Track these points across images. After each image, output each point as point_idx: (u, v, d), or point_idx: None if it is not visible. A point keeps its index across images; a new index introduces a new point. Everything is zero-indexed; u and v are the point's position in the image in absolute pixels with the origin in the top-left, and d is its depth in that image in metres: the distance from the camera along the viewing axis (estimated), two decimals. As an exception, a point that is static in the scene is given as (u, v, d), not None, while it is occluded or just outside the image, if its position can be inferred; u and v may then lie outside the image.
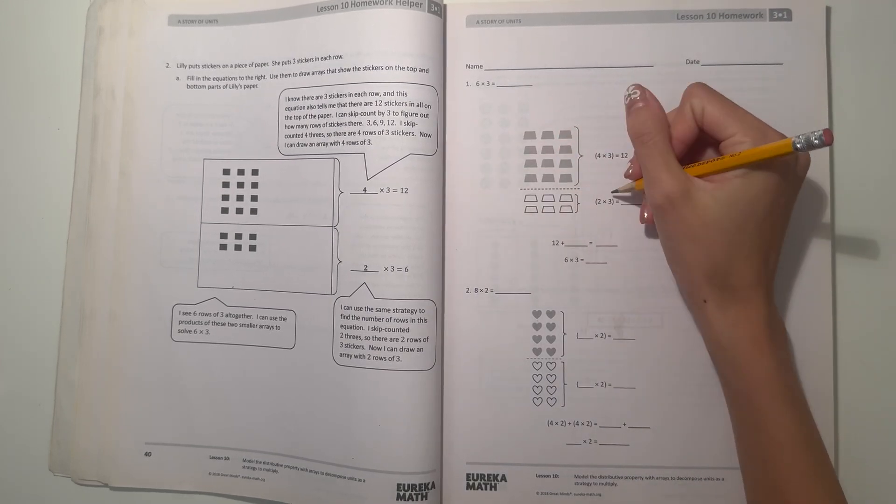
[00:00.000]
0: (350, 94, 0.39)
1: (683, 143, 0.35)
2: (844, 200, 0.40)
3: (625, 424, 0.39)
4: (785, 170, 0.33)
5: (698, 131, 0.35)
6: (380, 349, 0.38)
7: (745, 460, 0.35)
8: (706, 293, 0.34)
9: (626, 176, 0.39)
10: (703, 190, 0.33)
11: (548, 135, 0.40)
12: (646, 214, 0.38)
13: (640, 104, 0.36)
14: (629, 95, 0.37)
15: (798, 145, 0.31)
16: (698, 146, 0.36)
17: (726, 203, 0.33)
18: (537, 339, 0.40)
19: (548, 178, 0.40)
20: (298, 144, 0.41)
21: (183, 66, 0.43)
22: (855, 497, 0.33)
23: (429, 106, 0.39)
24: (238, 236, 0.41)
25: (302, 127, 0.41)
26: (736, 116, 0.34)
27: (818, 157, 0.39)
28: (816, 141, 0.31)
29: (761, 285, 0.34)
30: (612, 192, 0.40)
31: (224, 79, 0.42)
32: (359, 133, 0.39)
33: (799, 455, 0.32)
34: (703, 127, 0.35)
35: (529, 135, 0.40)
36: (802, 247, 0.39)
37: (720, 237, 0.33)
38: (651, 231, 0.39)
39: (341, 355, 0.39)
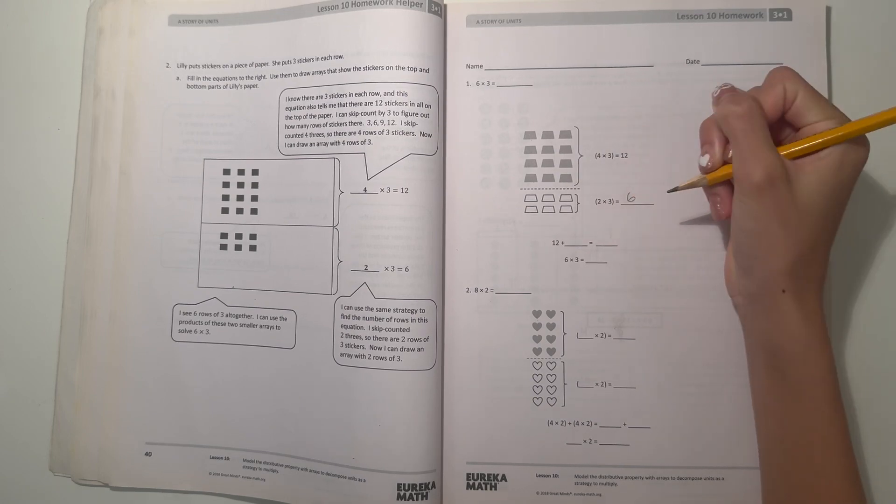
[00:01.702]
0: (350, 94, 0.39)
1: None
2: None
3: (625, 424, 0.39)
4: (855, 169, 0.33)
5: (780, 115, 0.35)
6: (380, 349, 0.38)
7: (776, 456, 0.35)
8: (786, 282, 0.33)
9: (704, 168, 0.36)
10: (800, 171, 0.33)
11: (548, 135, 0.40)
12: (720, 207, 0.36)
13: (735, 91, 0.35)
14: (720, 87, 0.36)
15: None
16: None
17: (820, 186, 0.33)
18: (537, 338, 0.40)
19: (548, 178, 0.40)
20: (299, 144, 0.41)
21: (183, 66, 0.43)
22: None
23: (429, 106, 0.39)
24: (238, 236, 0.41)
25: (302, 127, 0.41)
26: (823, 103, 0.34)
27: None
28: None
29: (826, 272, 0.34)
30: (670, 190, 0.38)
31: (224, 79, 0.42)
32: (359, 133, 0.39)
33: (842, 456, 0.33)
34: (788, 111, 0.34)
35: (529, 135, 0.41)
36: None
37: (812, 222, 0.33)
38: (651, 231, 0.39)
39: (342, 355, 0.39)
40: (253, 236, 0.41)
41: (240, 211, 0.41)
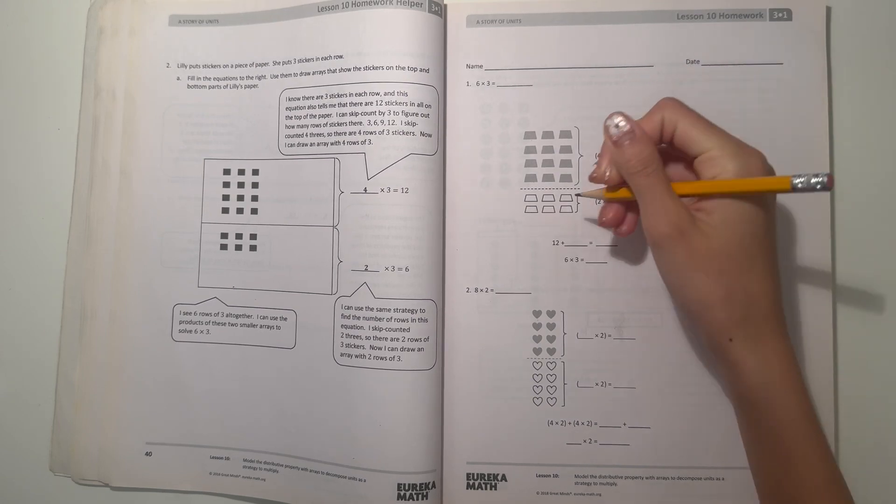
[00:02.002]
0: (350, 94, 0.39)
1: None
2: (844, 201, 0.40)
3: (625, 424, 0.39)
4: (761, 208, 0.32)
5: (659, 144, 0.34)
6: (380, 349, 0.38)
7: (768, 501, 0.34)
8: (731, 330, 0.32)
9: (594, 179, 0.36)
10: (707, 216, 0.32)
11: (548, 135, 0.40)
12: (610, 215, 0.36)
13: (631, 136, 0.34)
14: (616, 125, 0.34)
15: (798, 183, 0.30)
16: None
17: (730, 229, 0.32)
18: (537, 338, 0.40)
19: (548, 178, 0.40)
20: (299, 144, 0.41)
21: (184, 66, 0.43)
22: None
23: (429, 106, 0.39)
24: (238, 236, 0.41)
25: (302, 127, 0.41)
26: (710, 132, 0.33)
27: (818, 157, 0.39)
28: (818, 181, 0.30)
29: (779, 311, 0.33)
30: (577, 194, 0.39)
31: (225, 79, 0.42)
32: (359, 133, 0.39)
33: (828, 493, 0.31)
34: (674, 142, 0.34)
35: (529, 135, 0.41)
36: (801, 248, 0.39)
37: (730, 263, 0.32)
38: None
39: (342, 355, 0.39)
40: (253, 236, 0.41)
41: (240, 211, 0.42)
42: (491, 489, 0.39)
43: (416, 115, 0.39)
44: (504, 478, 0.39)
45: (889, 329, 0.39)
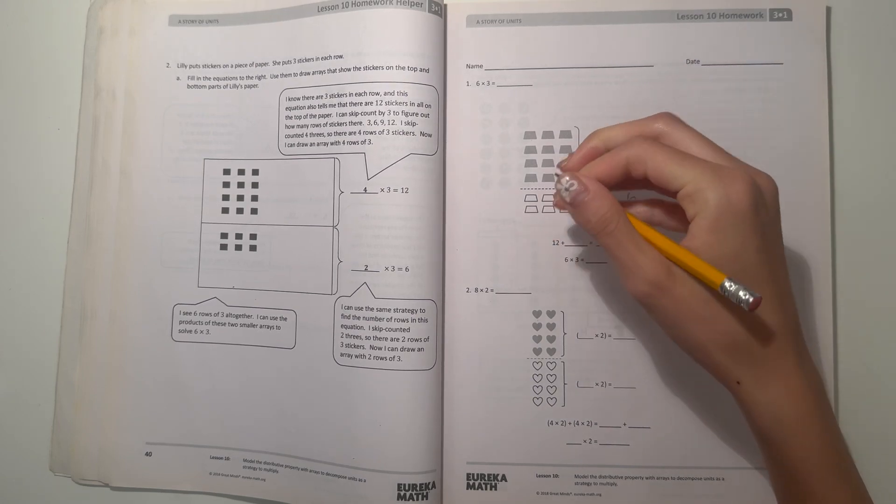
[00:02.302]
0: (350, 94, 0.39)
1: (616, 175, 0.32)
2: (844, 201, 0.40)
3: (625, 424, 0.39)
4: (754, 209, 0.30)
5: (621, 179, 0.32)
6: (380, 349, 0.38)
7: None
8: (737, 373, 0.31)
9: (563, 167, 0.35)
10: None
11: (548, 135, 0.40)
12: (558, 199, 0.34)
13: (586, 194, 0.32)
14: (567, 189, 0.32)
15: (728, 286, 0.28)
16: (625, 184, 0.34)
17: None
18: (537, 338, 0.40)
19: (548, 177, 0.40)
20: (299, 144, 0.41)
21: (183, 66, 0.43)
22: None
23: (429, 106, 0.39)
24: (238, 236, 0.41)
25: (302, 127, 0.41)
26: (684, 164, 0.30)
27: (818, 157, 0.39)
28: (744, 298, 0.28)
29: (789, 341, 0.30)
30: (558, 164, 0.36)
31: (224, 79, 0.42)
32: (359, 133, 0.39)
33: None
34: (650, 181, 0.32)
35: (529, 135, 0.41)
36: (802, 246, 0.39)
37: (722, 306, 0.30)
38: None
39: (342, 355, 0.39)
40: (253, 236, 0.41)
41: (240, 211, 0.41)
42: (491, 489, 0.39)
43: (416, 115, 0.39)
44: (504, 478, 0.39)
45: (889, 329, 0.39)
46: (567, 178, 0.32)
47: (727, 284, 0.29)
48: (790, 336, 0.31)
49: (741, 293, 0.28)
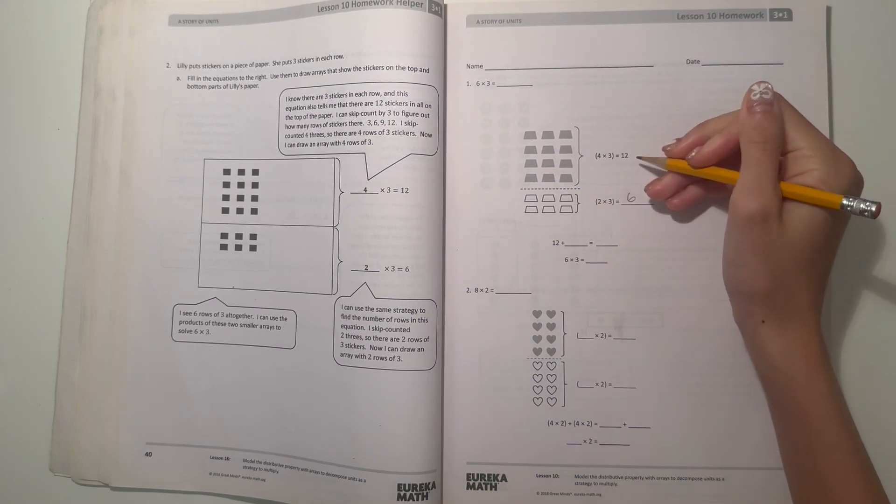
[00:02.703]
0: (351, 94, 0.39)
1: (730, 150, 0.35)
2: (844, 200, 0.40)
3: (625, 424, 0.39)
4: (846, 192, 0.33)
5: (729, 154, 0.35)
6: (380, 349, 0.38)
7: (796, 481, 0.35)
8: (764, 313, 0.34)
9: (668, 152, 0.38)
10: (793, 212, 0.33)
11: (548, 135, 0.40)
12: (657, 188, 0.38)
13: (768, 107, 0.34)
14: (760, 93, 0.34)
15: (847, 204, 0.32)
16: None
17: (810, 230, 0.33)
18: (537, 339, 0.40)
19: (548, 178, 0.40)
20: (299, 144, 0.41)
21: (183, 66, 0.43)
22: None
23: (429, 106, 0.39)
24: (238, 236, 0.41)
25: (302, 127, 0.41)
26: (807, 131, 0.34)
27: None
28: (866, 208, 0.31)
29: (816, 308, 0.34)
30: (638, 157, 0.39)
31: (225, 79, 0.42)
32: (359, 133, 0.39)
33: (853, 478, 0.32)
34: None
35: (529, 135, 0.41)
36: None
37: (797, 259, 0.33)
38: (651, 231, 0.39)
39: (342, 355, 0.39)
40: (253, 236, 0.41)
41: (240, 211, 0.41)
42: (491, 489, 0.39)
43: (416, 115, 0.39)
44: (504, 478, 0.39)
45: (889, 329, 0.39)
46: (767, 85, 0.34)
47: (845, 202, 0.32)
48: (817, 305, 0.34)
49: (862, 205, 0.31)
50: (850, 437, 0.33)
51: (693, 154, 0.36)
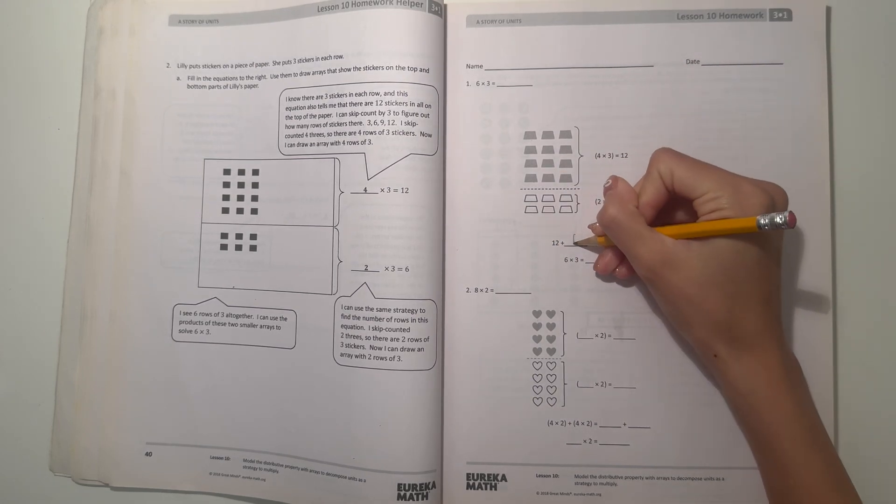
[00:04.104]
0: (350, 94, 0.39)
1: (654, 208, 0.36)
2: (844, 201, 0.40)
3: (625, 424, 0.39)
4: (746, 244, 0.33)
5: (668, 195, 0.36)
6: (380, 349, 0.38)
7: (774, 500, 0.36)
8: (715, 348, 0.35)
9: (594, 228, 0.39)
10: (686, 251, 0.34)
11: (548, 135, 0.40)
12: (600, 265, 0.39)
13: (611, 189, 0.37)
14: (609, 181, 0.38)
15: (763, 222, 0.31)
16: (670, 206, 0.37)
17: (713, 259, 0.33)
18: (537, 338, 0.40)
19: (548, 178, 0.40)
20: (299, 144, 0.41)
21: (183, 66, 0.43)
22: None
23: (429, 106, 0.39)
24: (238, 236, 0.41)
25: (302, 127, 0.41)
26: (706, 174, 0.34)
27: (818, 157, 0.39)
28: (780, 221, 0.31)
29: (769, 329, 0.34)
30: (575, 242, 0.40)
31: (225, 79, 0.42)
32: (359, 133, 0.39)
33: (826, 497, 0.32)
34: (674, 190, 0.35)
35: (529, 135, 0.41)
36: (801, 248, 0.39)
37: (715, 293, 0.34)
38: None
39: (342, 355, 0.39)
40: (253, 236, 0.41)
41: (240, 211, 0.42)
42: (491, 489, 0.39)
43: (416, 115, 0.39)
44: (504, 478, 0.39)
45: (889, 330, 0.39)
46: (610, 177, 0.38)
47: (761, 220, 0.31)
48: (769, 327, 0.34)
49: (776, 219, 0.31)
50: (822, 457, 0.33)
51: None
